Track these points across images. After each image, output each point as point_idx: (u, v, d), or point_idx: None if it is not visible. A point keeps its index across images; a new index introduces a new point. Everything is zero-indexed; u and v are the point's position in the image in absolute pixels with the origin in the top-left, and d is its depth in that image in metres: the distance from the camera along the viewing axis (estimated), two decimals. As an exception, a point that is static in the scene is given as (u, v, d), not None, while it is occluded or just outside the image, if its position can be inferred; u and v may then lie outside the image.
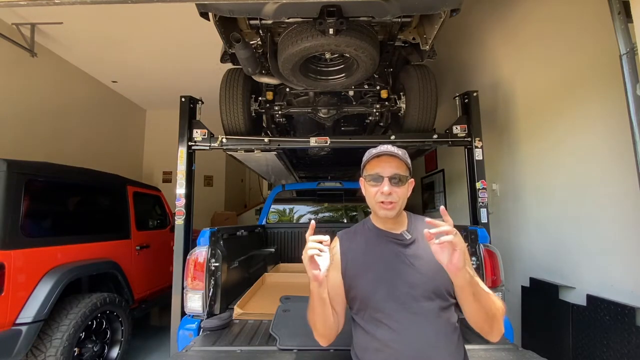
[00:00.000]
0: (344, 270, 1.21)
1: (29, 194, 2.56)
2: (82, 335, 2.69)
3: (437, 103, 2.81)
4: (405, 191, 1.19)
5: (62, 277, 2.59)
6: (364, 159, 1.24)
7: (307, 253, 1.01)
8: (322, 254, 1.01)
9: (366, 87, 3.04)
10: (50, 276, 2.54)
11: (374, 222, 1.27)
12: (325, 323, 1.15)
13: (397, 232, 1.21)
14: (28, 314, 2.36)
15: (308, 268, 1.03)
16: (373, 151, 1.22)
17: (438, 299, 1.11)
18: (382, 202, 1.16)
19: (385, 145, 1.21)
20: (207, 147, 2.83)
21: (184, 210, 2.68)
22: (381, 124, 3.50)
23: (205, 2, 1.81)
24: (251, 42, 2.37)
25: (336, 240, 1.30)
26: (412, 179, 1.24)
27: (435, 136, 2.80)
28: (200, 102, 2.93)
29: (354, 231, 1.31)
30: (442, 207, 1.03)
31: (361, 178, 1.28)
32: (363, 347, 1.17)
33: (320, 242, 1.01)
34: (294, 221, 4.62)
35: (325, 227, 4.27)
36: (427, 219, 1.06)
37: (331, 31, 1.90)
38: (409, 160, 1.21)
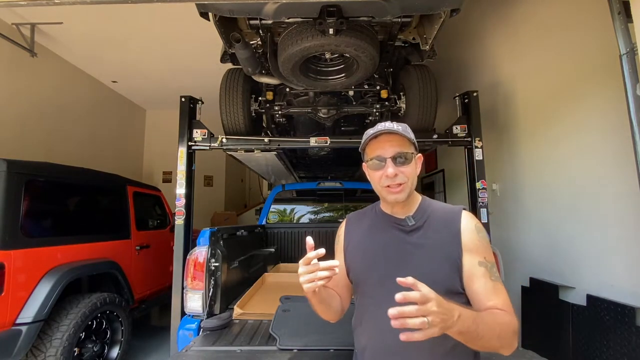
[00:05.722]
0: (345, 251, 1.19)
1: (29, 194, 2.56)
2: (82, 335, 2.69)
3: (437, 103, 2.81)
4: (413, 169, 1.07)
5: (62, 277, 2.59)
6: (362, 141, 1.13)
7: (305, 283, 0.92)
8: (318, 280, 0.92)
9: (366, 87, 3.04)
10: (50, 276, 2.54)
11: (382, 207, 1.18)
12: (328, 312, 1.13)
13: (402, 217, 1.12)
14: (28, 314, 2.36)
15: (304, 288, 0.94)
16: (370, 132, 1.09)
17: None
18: (389, 186, 1.05)
19: (383, 123, 1.09)
20: (207, 147, 2.83)
21: (184, 210, 2.68)
22: (381, 124, 3.50)
23: (205, 2, 1.81)
24: (251, 42, 2.36)
25: (344, 222, 1.26)
26: (420, 155, 1.13)
27: (435, 136, 2.80)
28: (200, 102, 2.93)
29: (363, 213, 1.25)
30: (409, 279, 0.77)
31: (363, 163, 1.17)
32: (355, 325, 1.18)
33: (330, 268, 0.91)
34: (294, 221, 4.62)
35: (326, 227, 4.27)
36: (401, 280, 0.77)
37: (331, 31, 1.90)
38: (411, 135, 1.08)
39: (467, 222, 1.08)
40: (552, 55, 2.75)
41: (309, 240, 0.94)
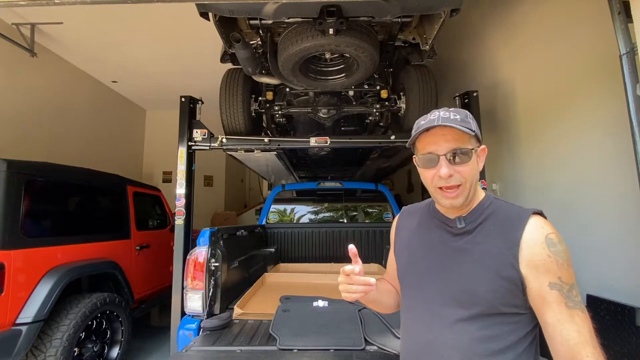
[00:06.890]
0: (394, 247, 1.13)
1: (29, 194, 2.56)
2: (82, 335, 2.69)
3: (437, 103, 2.81)
4: (473, 168, 0.89)
5: (62, 277, 2.59)
6: (412, 134, 0.94)
7: (343, 292, 0.93)
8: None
9: (366, 87, 3.04)
10: (50, 276, 2.54)
11: (436, 204, 1.02)
12: (380, 308, 1.15)
13: (452, 217, 0.95)
14: (28, 314, 2.37)
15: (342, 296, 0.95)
16: (421, 122, 0.92)
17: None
18: (443, 188, 0.89)
19: (437, 112, 0.90)
20: (207, 147, 2.83)
21: (184, 210, 2.68)
22: (381, 124, 3.50)
23: (205, 2, 1.81)
24: (251, 42, 2.37)
25: (399, 215, 1.18)
26: (483, 147, 0.94)
27: (435, 136, 2.80)
28: (200, 102, 2.93)
29: (417, 208, 1.13)
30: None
31: (414, 157, 1.00)
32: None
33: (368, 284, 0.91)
34: (294, 221, 4.62)
35: (325, 227, 4.27)
36: None
37: (331, 31, 1.90)
38: (472, 125, 0.89)
39: (535, 232, 0.86)
40: (552, 55, 2.75)
41: (352, 248, 0.92)
